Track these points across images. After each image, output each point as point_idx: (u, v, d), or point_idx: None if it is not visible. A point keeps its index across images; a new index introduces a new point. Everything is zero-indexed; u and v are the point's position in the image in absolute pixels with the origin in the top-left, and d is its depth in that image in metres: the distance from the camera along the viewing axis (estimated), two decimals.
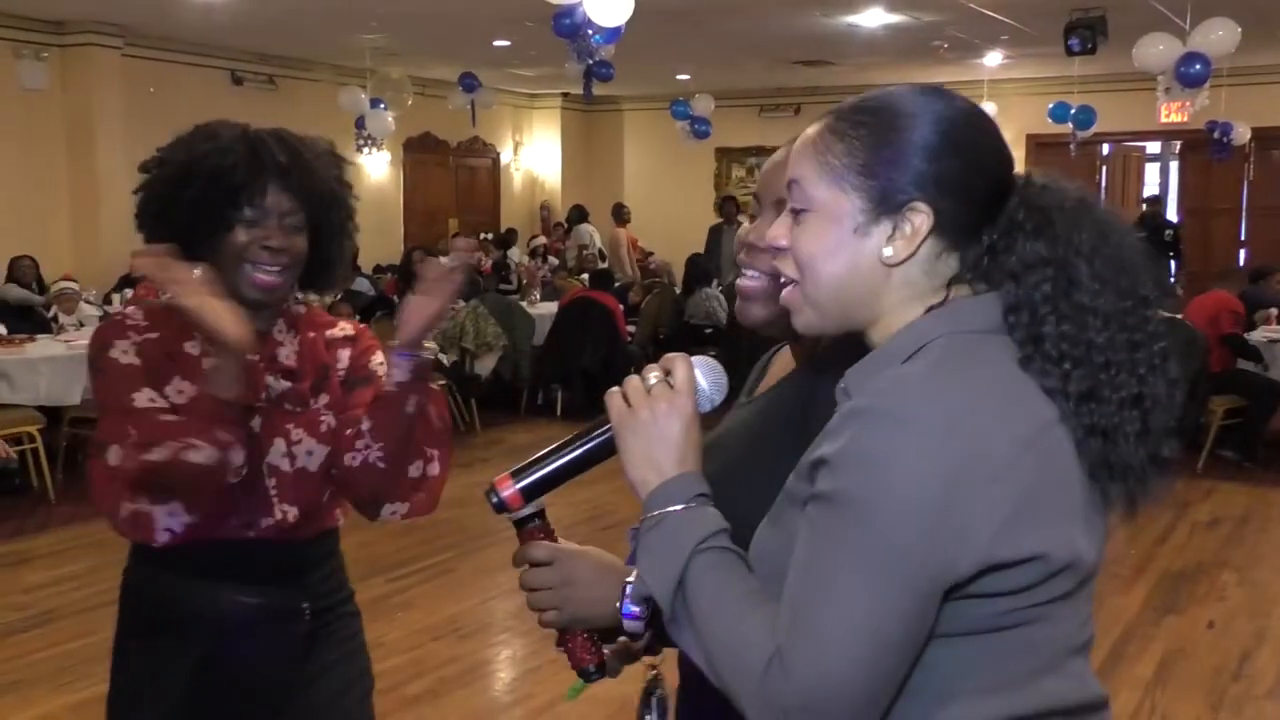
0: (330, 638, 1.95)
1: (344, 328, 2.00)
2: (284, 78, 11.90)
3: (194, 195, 1.79)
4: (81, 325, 7.73)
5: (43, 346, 6.83)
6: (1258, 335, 7.81)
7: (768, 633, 1.02)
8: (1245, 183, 13.02)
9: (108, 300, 9.03)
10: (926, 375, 1.05)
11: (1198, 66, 7.86)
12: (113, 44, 10.04)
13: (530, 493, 1.23)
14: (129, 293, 9.04)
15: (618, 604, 1.24)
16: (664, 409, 1.16)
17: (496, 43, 10.80)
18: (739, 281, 1.41)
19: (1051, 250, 1.10)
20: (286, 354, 1.91)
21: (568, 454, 1.23)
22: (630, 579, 1.27)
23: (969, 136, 1.13)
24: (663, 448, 1.15)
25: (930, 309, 1.13)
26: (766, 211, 1.39)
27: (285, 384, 1.88)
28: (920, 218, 1.10)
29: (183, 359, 1.80)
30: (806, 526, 1.04)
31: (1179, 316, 7.56)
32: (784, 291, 1.18)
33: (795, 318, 1.17)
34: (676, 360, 1.19)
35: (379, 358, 1.96)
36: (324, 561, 1.96)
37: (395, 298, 9.07)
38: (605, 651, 1.36)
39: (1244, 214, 13.22)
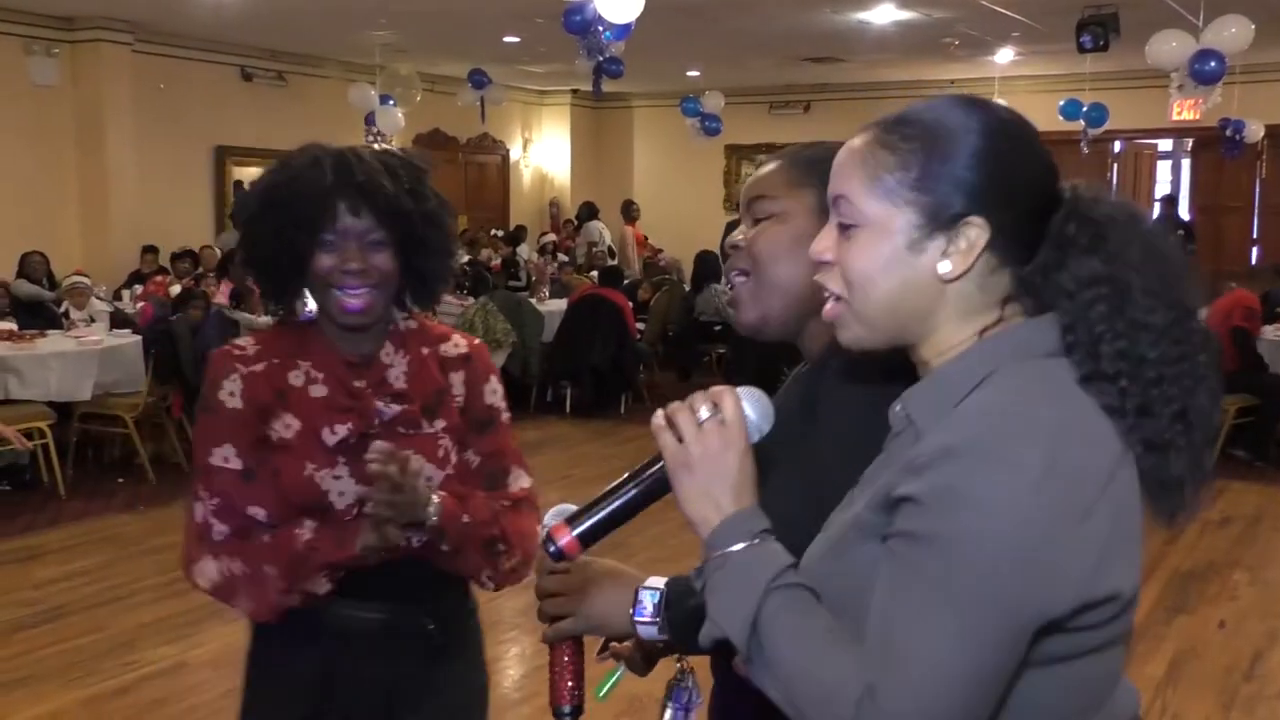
0: (455, 653, 1.94)
1: (458, 343, 1.93)
2: (294, 74, 11.92)
3: (274, 228, 1.78)
4: (92, 320, 7.75)
5: (53, 342, 6.85)
6: (1270, 333, 7.78)
7: (854, 671, 1.01)
8: (1258, 180, 12.97)
9: (117, 296, 9.06)
10: (1017, 410, 1.04)
11: (1213, 64, 7.82)
12: (123, 40, 10.06)
13: (587, 538, 1.20)
14: (138, 289, 9.08)
15: (630, 610, 1.27)
16: (717, 445, 1.14)
17: (506, 39, 10.80)
18: (733, 290, 1.43)
19: (1107, 267, 1.09)
20: (396, 375, 1.86)
21: (622, 496, 1.20)
22: (645, 586, 1.29)
23: (1019, 148, 1.13)
24: (720, 484, 1.13)
25: (985, 329, 1.12)
26: (745, 218, 1.43)
27: (396, 407, 1.84)
28: (975, 231, 1.09)
29: (289, 393, 1.81)
30: (893, 564, 1.03)
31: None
32: (827, 306, 1.16)
33: (842, 332, 1.16)
34: (724, 394, 1.16)
35: (492, 385, 1.94)
36: (450, 580, 1.92)
37: None
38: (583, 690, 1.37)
39: (1256, 212, 13.17)
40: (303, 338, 1.85)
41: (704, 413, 1.15)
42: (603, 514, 1.20)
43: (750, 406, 1.17)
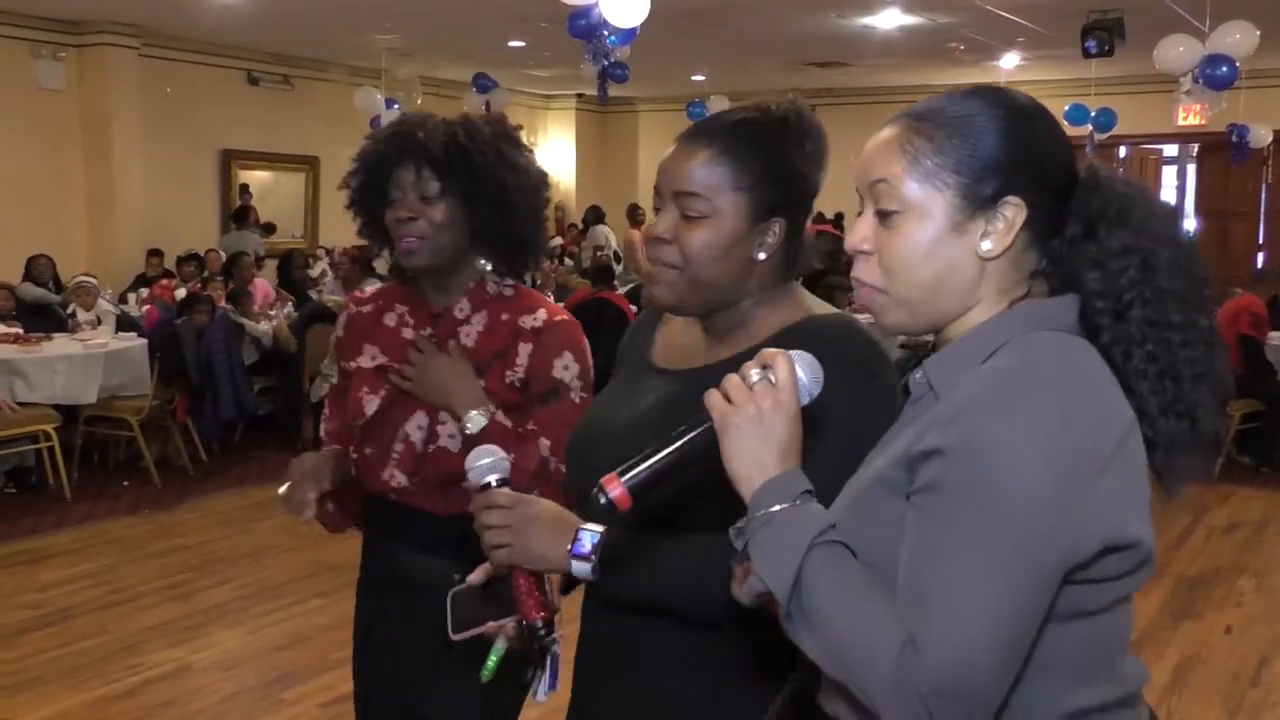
0: None
1: (539, 317, 2.00)
2: (299, 78, 11.94)
3: (356, 193, 2.04)
4: (99, 321, 7.75)
5: (60, 345, 6.86)
6: (1278, 339, 7.76)
7: (894, 622, 1.04)
8: (1264, 185, 12.95)
9: (123, 299, 9.07)
10: (1034, 368, 1.08)
11: (1224, 69, 7.81)
12: (129, 44, 10.09)
13: (638, 492, 1.20)
14: (144, 292, 9.09)
15: (569, 546, 1.35)
16: (769, 405, 1.16)
17: (511, 43, 10.82)
18: (647, 268, 1.50)
19: (1136, 238, 1.15)
20: (468, 332, 2.00)
21: (670, 451, 1.20)
22: (585, 527, 1.36)
23: (1043, 129, 1.18)
24: (767, 445, 1.15)
25: (1013, 303, 1.17)
26: (666, 205, 1.47)
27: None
28: (1013, 210, 1.14)
29: (379, 330, 2.06)
30: (920, 516, 1.07)
31: None
32: (863, 294, 1.19)
33: (882, 318, 1.19)
34: (778, 356, 1.18)
35: (566, 360, 1.98)
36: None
37: None
38: (552, 600, 1.46)
39: (1262, 217, 13.15)
40: (409, 289, 2.07)
41: (754, 375, 1.17)
42: (652, 467, 1.20)
43: (802, 370, 1.19)
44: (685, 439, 1.20)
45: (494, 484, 1.48)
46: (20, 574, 5.28)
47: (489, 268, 2.02)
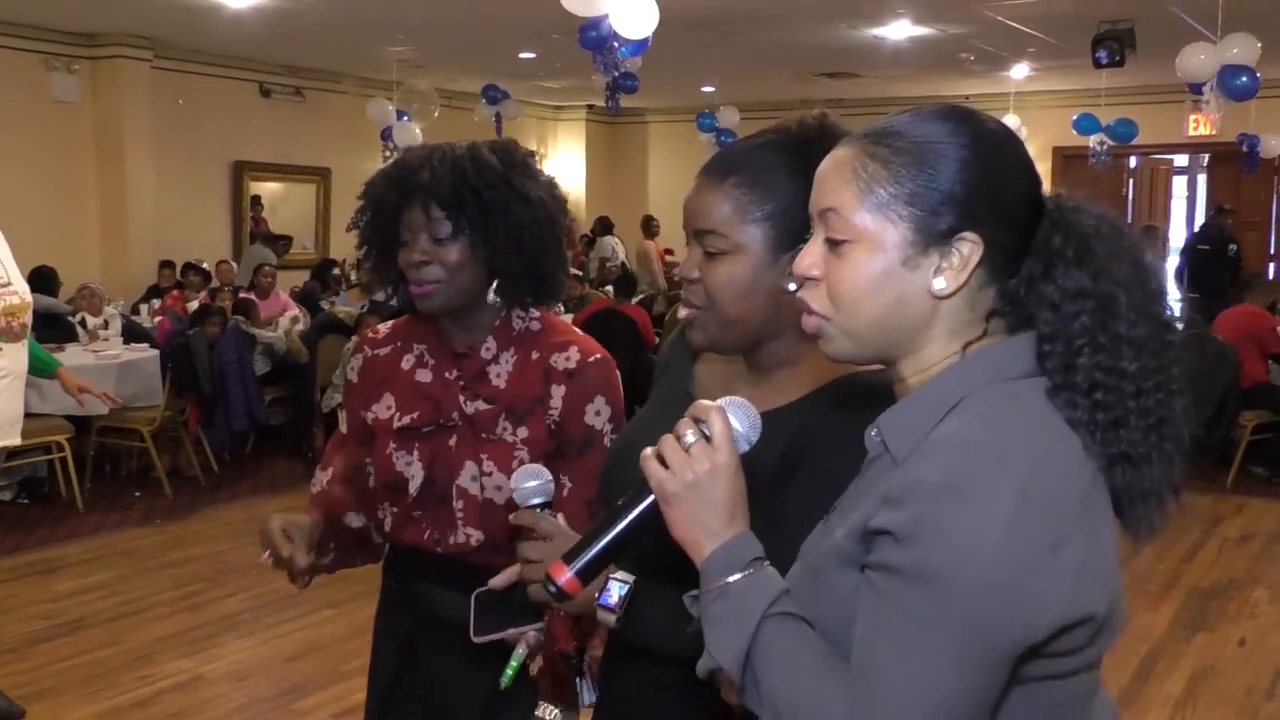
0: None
1: (570, 356, 1.90)
2: (312, 90, 11.98)
3: (366, 235, 1.94)
4: (106, 325, 7.77)
5: (71, 356, 6.87)
6: None
7: (843, 697, 1.02)
8: (1275, 195, 12.91)
9: (135, 310, 9.11)
10: (989, 443, 1.03)
11: (1243, 79, 7.79)
12: (143, 56, 10.14)
13: (585, 574, 1.21)
14: (156, 303, 9.13)
15: (597, 594, 1.32)
16: (706, 470, 1.12)
17: (522, 55, 10.84)
18: (681, 313, 1.47)
19: (1094, 281, 1.09)
20: (498, 373, 1.90)
21: (615, 529, 1.20)
22: (615, 577, 1.34)
23: (1007, 159, 1.11)
24: (710, 509, 1.12)
25: (968, 344, 1.11)
26: (691, 244, 1.43)
27: (480, 406, 1.89)
28: (969, 247, 1.08)
29: (395, 377, 1.96)
30: (873, 596, 1.03)
31: (1208, 331, 7.51)
32: (807, 319, 1.14)
33: (826, 345, 1.14)
34: (710, 411, 1.14)
35: (598, 405, 1.90)
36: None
37: None
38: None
39: (1273, 227, 13.10)
40: (428, 325, 1.96)
41: (689, 437, 1.14)
42: (597, 548, 1.20)
43: (737, 419, 1.16)
44: (630, 514, 1.19)
45: (538, 508, 1.48)
46: (33, 585, 5.30)
47: (498, 301, 1.91)
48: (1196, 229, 11.95)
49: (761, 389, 1.46)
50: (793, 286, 1.22)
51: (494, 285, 1.89)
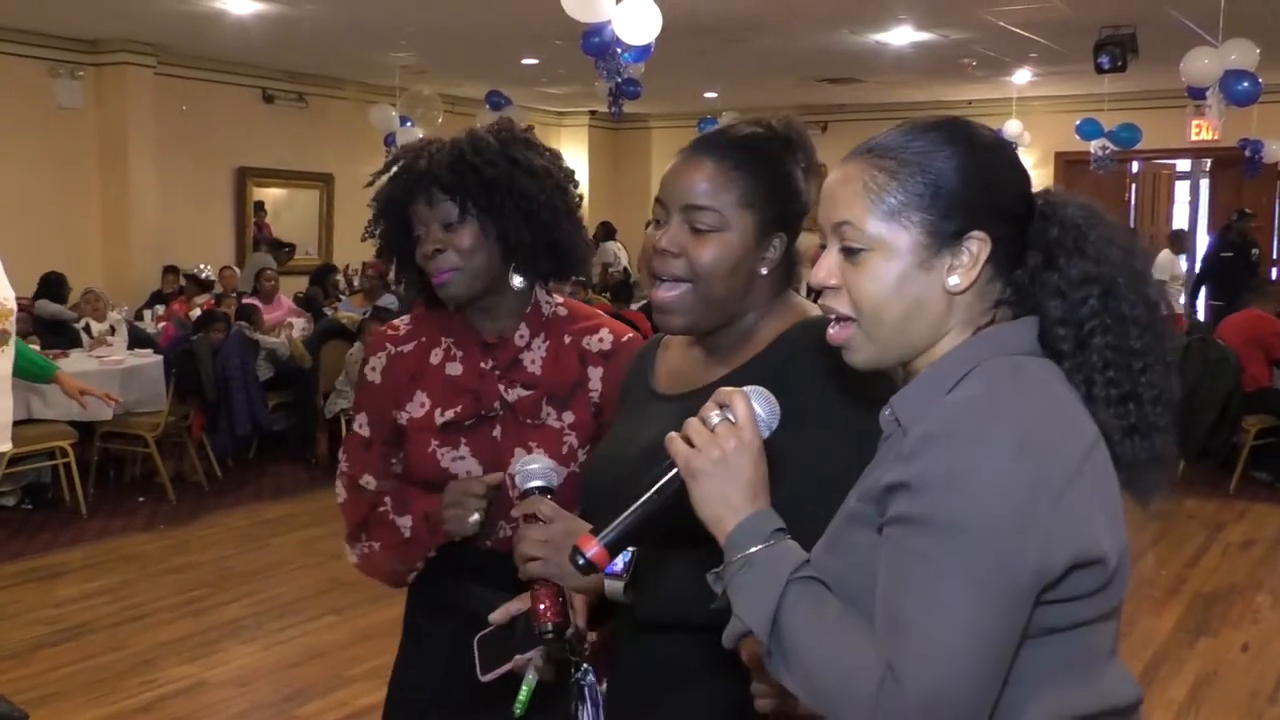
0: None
1: (603, 337, 1.90)
2: (315, 95, 12.00)
3: (383, 238, 1.93)
4: (113, 331, 7.78)
5: (76, 362, 6.90)
6: None
7: (872, 654, 1.06)
8: (1277, 200, 12.89)
9: (138, 316, 9.12)
10: (990, 397, 1.11)
11: (1245, 84, 7.79)
12: (147, 63, 10.16)
13: (614, 547, 1.23)
14: (160, 309, 9.14)
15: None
16: (732, 446, 1.17)
17: (525, 61, 10.86)
18: (655, 294, 1.50)
19: (1095, 267, 1.17)
20: (531, 360, 1.89)
21: (640, 503, 1.23)
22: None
23: (1001, 161, 1.21)
24: (735, 486, 1.16)
25: (977, 330, 1.19)
26: (673, 218, 1.48)
27: (520, 393, 1.87)
28: (977, 245, 1.16)
29: (425, 372, 1.92)
30: (891, 548, 1.09)
31: (1211, 336, 7.50)
32: (833, 330, 1.21)
33: (853, 355, 1.21)
34: (734, 395, 1.20)
35: None
36: None
37: None
38: (570, 616, 1.47)
39: (1276, 232, 13.09)
40: (453, 316, 1.93)
41: (714, 417, 1.19)
42: (626, 522, 1.23)
43: (759, 405, 1.21)
44: (654, 489, 1.22)
45: (537, 490, 1.49)
46: (37, 590, 5.30)
47: (522, 282, 1.89)
48: (1216, 235, 11.87)
49: (714, 363, 1.54)
50: (765, 270, 1.45)
51: (513, 266, 1.88)
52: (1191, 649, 4.67)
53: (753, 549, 1.14)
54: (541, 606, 1.46)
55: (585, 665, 1.50)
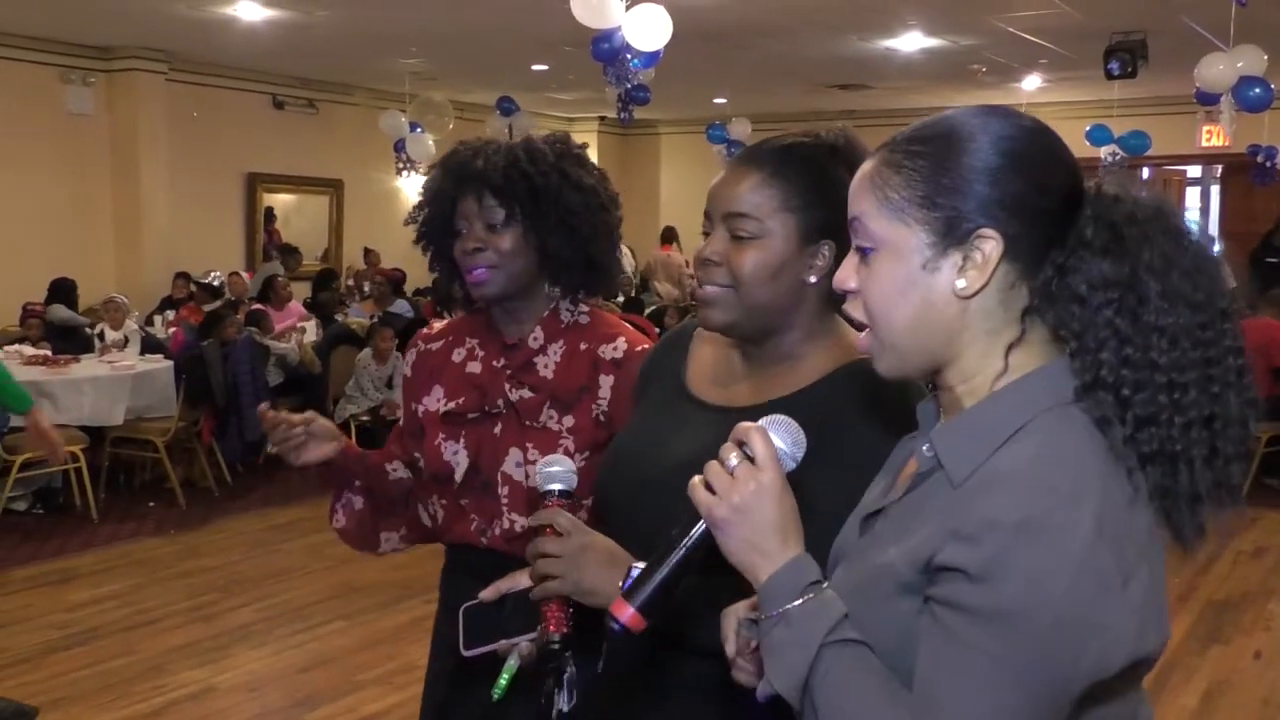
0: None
1: (619, 346, 1.91)
2: (325, 102, 12.03)
3: (423, 227, 1.99)
4: (127, 341, 7.81)
5: (87, 367, 6.93)
6: None
7: None
8: None
9: (149, 321, 9.15)
10: (1061, 475, 1.00)
11: (1257, 90, 7.77)
12: (158, 69, 10.20)
13: (648, 610, 1.18)
14: (170, 314, 9.17)
15: (621, 583, 1.28)
16: (751, 490, 1.10)
17: (534, 67, 10.88)
18: (698, 290, 1.50)
19: (1118, 269, 1.05)
20: (545, 363, 1.92)
21: (670, 560, 1.17)
22: (637, 564, 1.31)
23: (1033, 154, 1.09)
24: (760, 532, 1.09)
25: (1010, 346, 1.09)
26: (716, 228, 1.48)
27: (525, 394, 1.90)
28: (990, 245, 1.06)
29: (446, 369, 1.99)
30: (941, 633, 1.01)
31: None
32: (859, 338, 1.15)
33: (877, 362, 1.14)
34: (752, 432, 1.13)
35: None
36: None
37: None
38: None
39: None
40: (481, 320, 2.00)
41: (732, 460, 1.11)
42: (656, 581, 1.18)
43: (780, 437, 1.15)
44: (682, 543, 1.17)
45: (557, 494, 1.47)
46: (48, 594, 5.32)
47: (558, 293, 1.93)
48: (1260, 240, 11.78)
49: (757, 382, 1.51)
50: (814, 279, 1.39)
51: (547, 276, 1.93)
52: (1203, 657, 4.65)
53: (790, 605, 1.07)
54: (550, 619, 1.44)
55: (567, 653, 1.47)
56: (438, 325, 2.09)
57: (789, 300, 1.46)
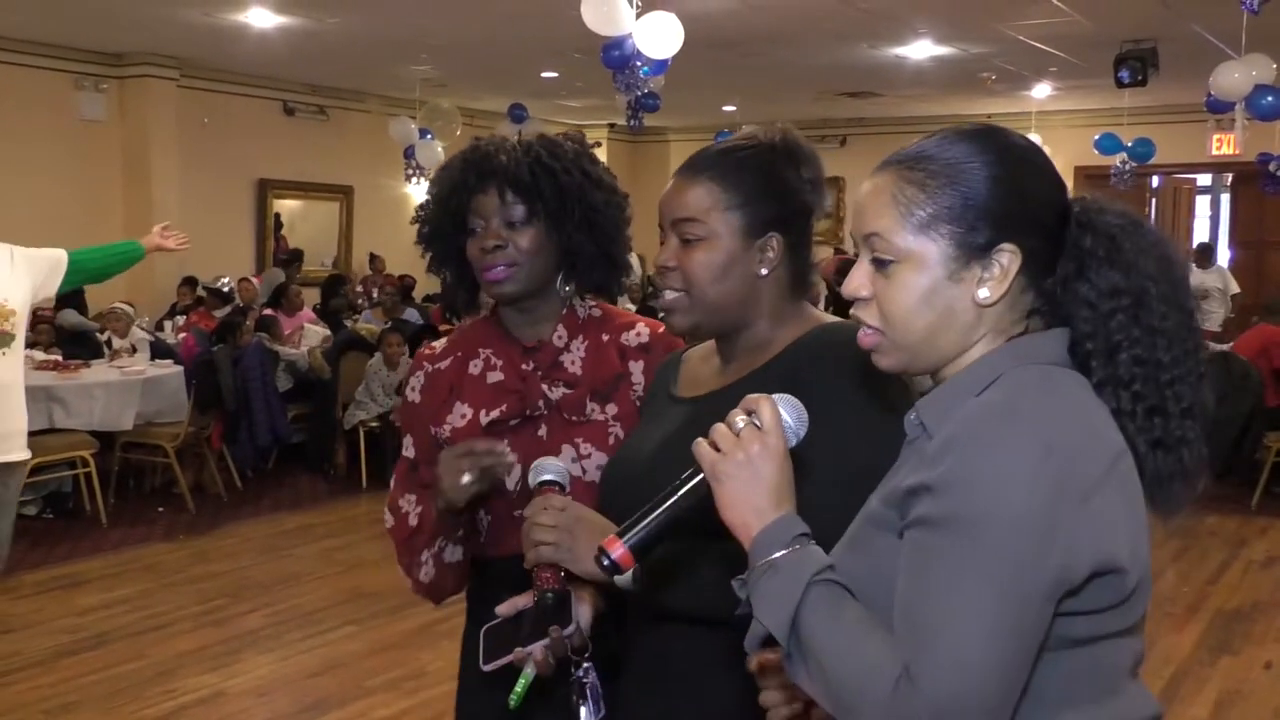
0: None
1: (640, 331, 1.91)
2: (335, 108, 12.07)
3: (429, 225, 1.91)
4: (134, 349, 7.84)
5: (97, 372, 6.95)
6: None
7: (889, 655, 1.05)
8: None
9: (159, 327, 9.18)
10: (1016, 401, 1.10)
11: (1269, 98, 7.76)
12: (169, 75, 10.25)
13: (639, 550, 1.25)
14: (180, 320, 9.19)
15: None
16: (757, 450, 1.17)
17: (544, 74, 10.90)
18: (658, 300, 1.59)
19: (1126, 278, 1.16)
20: (571, 360, 1.88)
21: (666, 506, 1.24)
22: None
23: (1034, 171, 1.19)
24: (759, 490, 1.16)
25: (1010, 340, 1.18)
26: (668, 236, 1.56)
27: (564, 391, 1.86)
28: (1008, 257, 1.15)
29: (465, 384, 1.90)
30: (912, 550, 1.08)
31: (1228, 349, 7.46)
32: (863, 334, 1.21)
33: (881, 359, 1.21)
34: (761, 401, 1.20)
35: None
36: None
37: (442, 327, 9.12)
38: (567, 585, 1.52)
39: None
40: (488, 327, 1.94)
41: (739, 422, 1.19)
42: (650, 524, 1.25)
43: (787, 412, 1.22)
44: (680, 492, 1.24)
45: (551, 484, 1.54)
46: (58, 599, 5.33)
47: (571, 290, 1.90)
48: None
49: (730, 370, 1.58)
50: (765, 271, 1.50)
51: (561, 275, 1.88)
52: (1213, 667, 4.63)
53: (776, 554, 1.14)
54: (541, 579, 1.51)
55: (586, 663, 1.53)
56: (437, 344, 1.99)
57: (744, 294, 1.53)
